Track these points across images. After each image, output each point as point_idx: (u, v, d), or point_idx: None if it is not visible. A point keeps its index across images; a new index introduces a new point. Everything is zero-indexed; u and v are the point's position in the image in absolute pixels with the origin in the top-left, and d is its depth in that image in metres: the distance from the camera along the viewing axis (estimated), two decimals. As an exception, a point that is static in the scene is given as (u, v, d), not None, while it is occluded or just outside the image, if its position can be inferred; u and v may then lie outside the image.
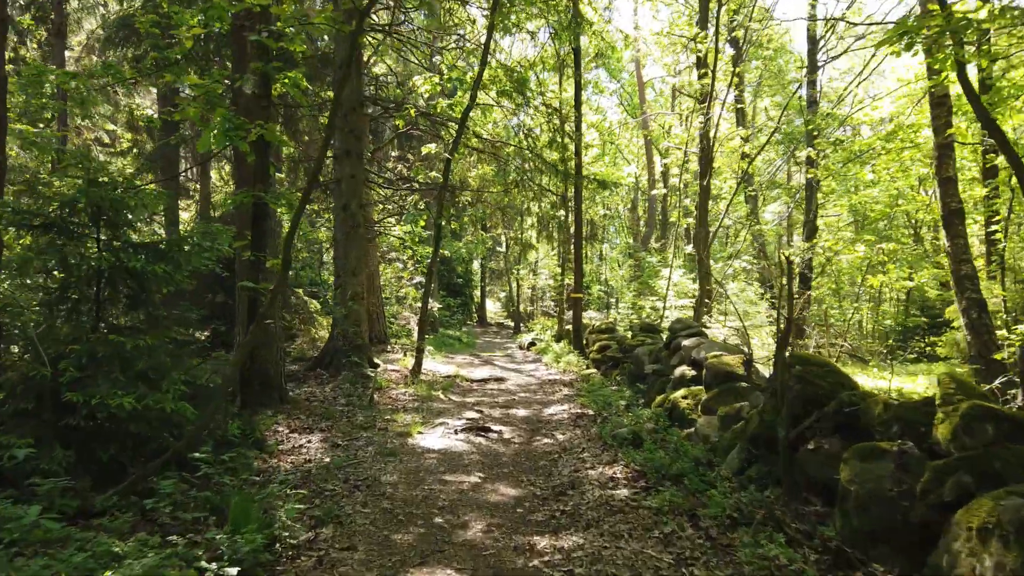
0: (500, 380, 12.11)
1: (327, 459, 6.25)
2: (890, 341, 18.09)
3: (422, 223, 11.12)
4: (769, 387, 5.18)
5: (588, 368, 12.95)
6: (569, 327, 18.68)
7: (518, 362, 16.30)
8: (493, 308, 42.16)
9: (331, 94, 11.85)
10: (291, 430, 7.23)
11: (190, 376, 5.44)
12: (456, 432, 7.41)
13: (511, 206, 14.85)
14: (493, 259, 36.01)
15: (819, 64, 20.45)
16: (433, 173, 11.01)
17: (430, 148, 10.60)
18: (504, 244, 33.04)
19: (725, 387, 6.49)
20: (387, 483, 5.62)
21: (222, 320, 13.21)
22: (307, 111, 12.72)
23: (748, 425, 5.19)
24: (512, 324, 31.05)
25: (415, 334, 20.05)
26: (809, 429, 4.63)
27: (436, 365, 13.84)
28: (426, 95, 11.01)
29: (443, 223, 11.27)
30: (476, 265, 36.04)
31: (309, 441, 6.85)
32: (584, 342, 15.03)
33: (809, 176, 19.75)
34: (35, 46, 15.39)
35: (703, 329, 8.67)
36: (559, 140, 11.80)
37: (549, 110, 11.67)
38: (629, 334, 12.76)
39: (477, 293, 36.33)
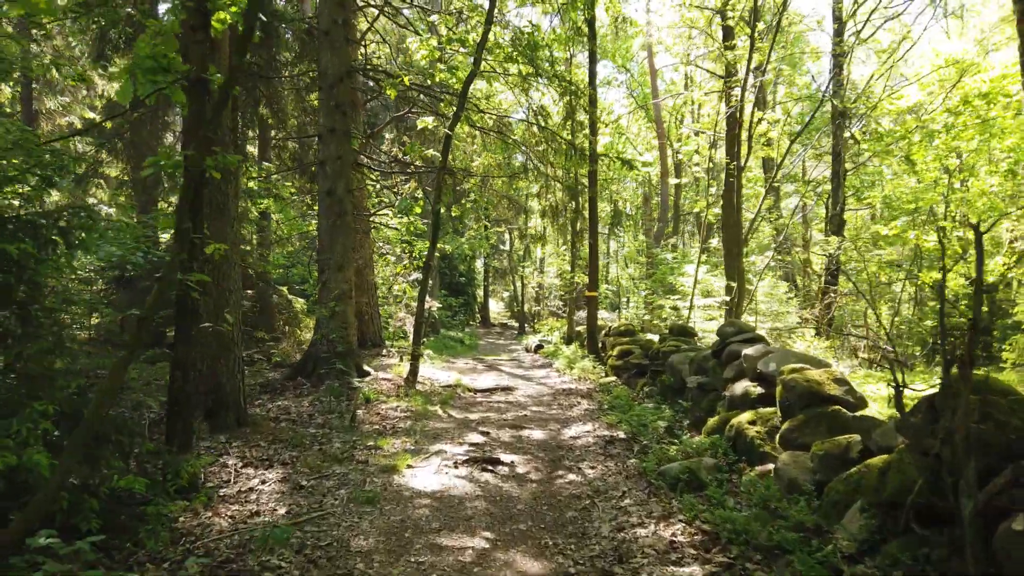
0: (508, 390, 10.40)
1: (282, 509, 4.55)
2: (931, 344, 16.38)
3: (418, 210, 9.45)
4: (908, 425, 3.46)
5: (607, 376, 11.23)
6: (580, 328, 16.96)
7: (526, 367, 14.59)
8: (496, 308, 40.48)
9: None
10: (244, 463, 5.53)
11: (78, 404, 3.74)
12: (456, 465, 5.70)
13: (518, 193, 13.16)
14: (497, 257, 34.34)
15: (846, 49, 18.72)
16: (430, 151, 9.30)
17: (426, 122, 8.91)
18: (508, 242, 31.37)
19: (814, 413, 4.78)
20: (358, 552, 3.92)
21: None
22: (289, 84, 11.04)
23: (884, 482, 3.47)
24: (516, 325, 29.35)
25: (414, 336, 18.37)
26: (1002, 494, 2.92)
27: (435, 371, 12.14)
28: (423, 61, 9.29)
29: (442, 210, 9.57)
30: (479, 264, 34.38)
31: (264, 481, 5.15)
32: (599, 345, 13.33)
33: (847, 158, 18.05)
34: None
35: (760, 334, 6.95)
36: (574, 117, 10.10)
37: (562, 83, 9.96)
38: (654, 338, 11.04)
39: (480, 292, 34.67)
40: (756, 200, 21.52)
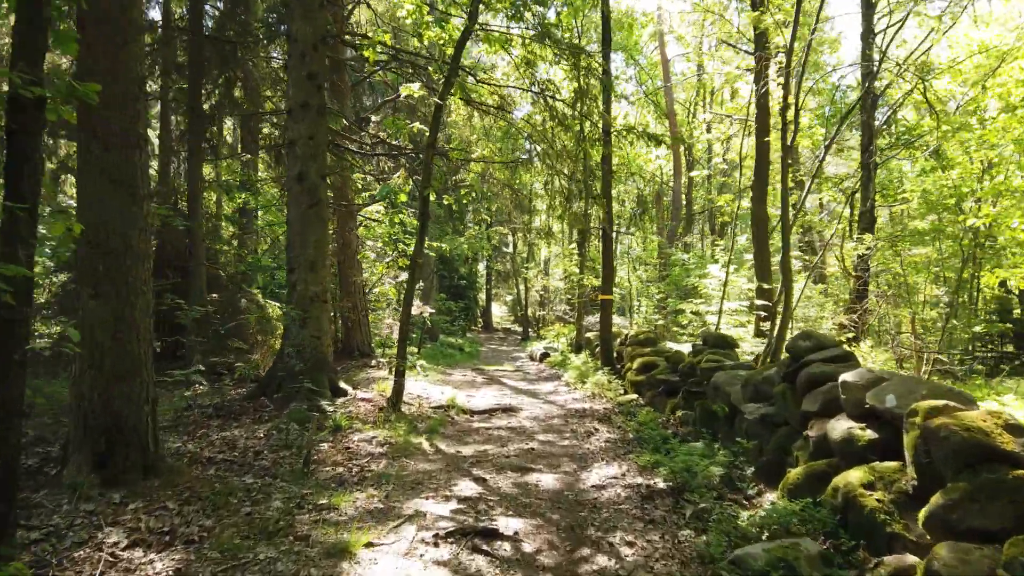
0: (510, 411, 8.63)
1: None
2: (979, 351, 14.59)
3: (403, 198, 7.73)
4: None
5: (626, 393, 9.45)
6: (591, 335, 15.18)
7: (531, 379, 12.81)
8: (499, 312, 38.75)
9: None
10: (132, 540, 3.77)
11: None
12: (437, 541, 3.93)
13: (522, 188, 11.41)
14: (500, 260, 32.59)
15: (875, 31, 16.89)
16: (417, 125, 7.56)
17: (411, 89, 7.18)
18: (512, 243, 29.64)
19: (986, 479, 3.00)
20: None
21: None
22: (256, 49, 9.33)
23: None
24: (520, 330, 27.59)
25: (411, 344, 16.60)
26: None
27: (428, 387, 10.38)
28: (409, 18, 7.56)
29: (432, 198, 7.83)
30: (482, 267, 32.62)
31: (144, 578, 3.39)
32: (614, 355, 11.55)
33: (878, 141, 16.27)
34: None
35: (848, 350, 5.16)
36: (585, 94, 8.31)
37: (571, 50, 8.20)
38: (682, 348, 9.27)
39: (482, 296, 32.92)
40: (773, 195, 19.74)
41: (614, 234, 11.75)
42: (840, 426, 4.04)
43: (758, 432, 5.29)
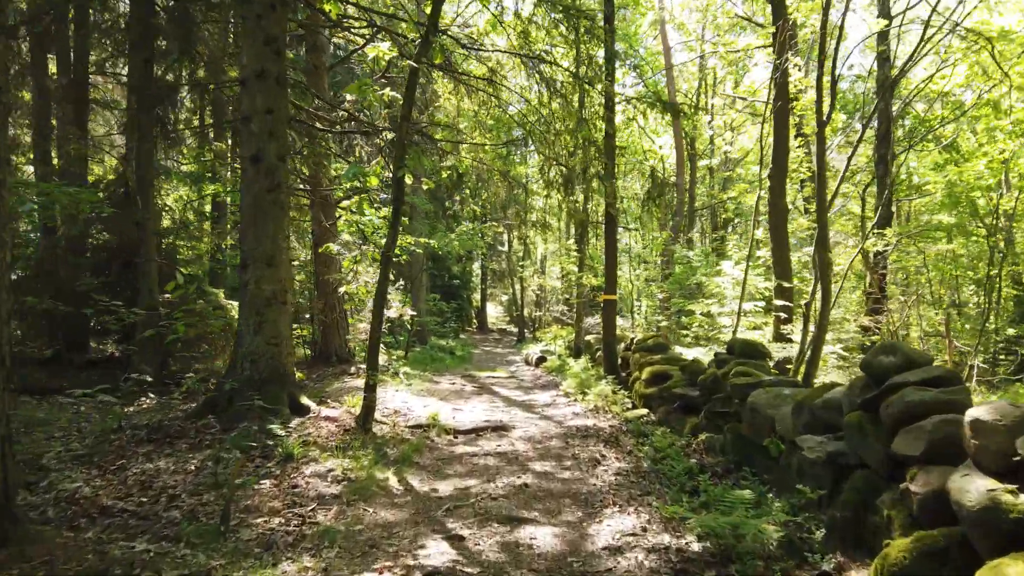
0: (501, 429, 7.30)
1: None
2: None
3: (374, 181, 6.41)
4: None
5: (634, 407, 8.15)
6: (590, 337, 13.87)
7: (526, 387, 11.49)
8: (495, 312, 37.43)
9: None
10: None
11: None
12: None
13: (517, 178, 10.06)
14: (495, 259, 31.25)
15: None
16: (389, 92, 6.21)
17: (380, 49, 5.85)
18: (507, 242, 28.32)
19: None
20: None
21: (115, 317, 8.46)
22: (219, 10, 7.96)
23: None
24: (516, 331, 26.27)
25: (398, 348, 15.24)
26: None
27: (409, 398, 9.05)
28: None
29: (408, 180, 6.50)
30: (477, 266, 31.27)
31: None
32: (618, 361, 10.24)
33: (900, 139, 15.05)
34: None
35: (951, 371, 3.82)
36: (585, 54, 6.99)
37: (571, 14, 6.89)
38: (699, 355, 7.98)
39: (477, 297, 31.58)
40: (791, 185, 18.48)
41: (618, 229, 10.45)
42: (974, 485, 2.72)
43: (817, 474, 3.98)
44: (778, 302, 10.36)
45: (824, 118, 7.11)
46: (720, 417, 5.87)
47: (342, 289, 6.41)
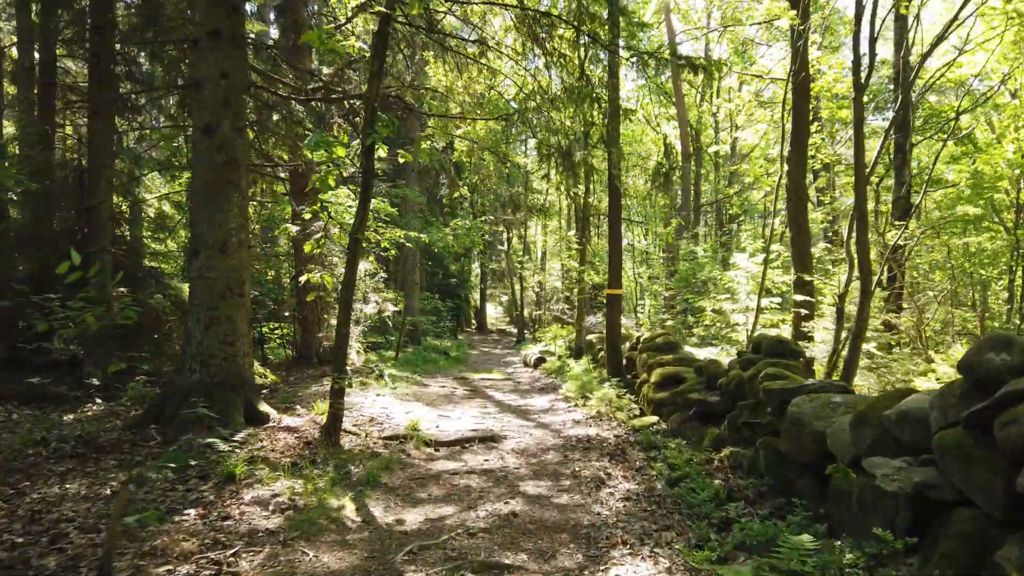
0: (490, 440, 6.28)
1: None
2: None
3: (340, 151, 5.42)
4: None
5: (643, 414, 7.12)
6: (592, 337, 12.85)
7: (523, 390, 10.47)
8: (495, 313, 36.44)
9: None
10: None
11: None
12: None
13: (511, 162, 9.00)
14: (495, 258, 30.24)
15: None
16: (354, 42, 5.20)
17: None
18: (506, 240, 27.33)
19: None
20: None
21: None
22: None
23: None
24: (515, 331, 25.25)
25: (389, 349, 14.23)
26: None
27: (391, 403, 8.04)
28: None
29: (381, 152, 5.50)
30: (476, 266, 30.26)
31: None
32: (623, 362, 9.23)
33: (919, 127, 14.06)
34: None
35: None
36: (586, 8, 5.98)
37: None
38: (715, 355, 6.97)
39: (476, 297, 30.58)
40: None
41: (622, 225, 9.41)
42: None
43: (891, 509, 2.96)
44: (798, 297, 9.31)
45: (863, 78, 6.11)
46: (748, 428, 4.85)
47: (302, 278, 5.45)
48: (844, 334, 6.50)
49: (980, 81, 14.21)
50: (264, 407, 6.18)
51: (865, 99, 15.34)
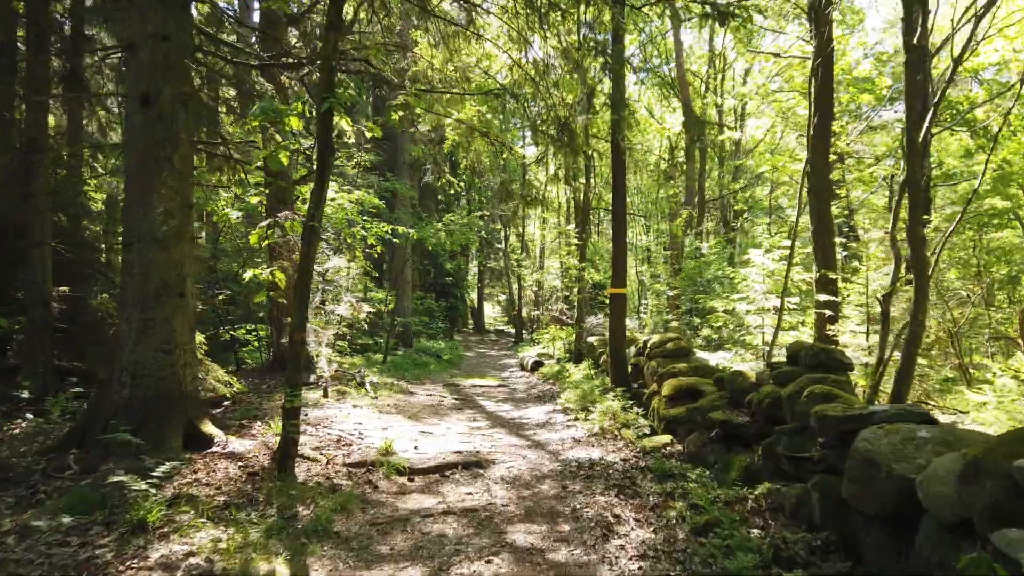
0: (475, 467, 5.28)
1: None
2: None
3: (295, 122, 4.44)
4: None
5: (653, 433, 6.13)
6: (593, 339, 11.87)
7: (519, 399, 9.49)
8: (492, 313, 35.47)
9: None
10: None
11: None
12: None
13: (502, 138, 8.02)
14: (493, 257, 29.25)
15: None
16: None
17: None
18: (503, 239, 26.34)
19: None
20: None
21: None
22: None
23: None
24: (513, 331, 24.27)
25: (377, 352, 13.22)
26: None
27: (367, 417, 7.06)
28: None
29: (342, 123, 4.51)
30: (474, 266, 29.26)
31: None
32: (629, 369, 8.23)
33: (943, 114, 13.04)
34: None
35: None
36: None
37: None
38: (738, 364, 5.99)
39: (474, 296, 29.58)
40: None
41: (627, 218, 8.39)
42: None
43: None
44: (821, 297, 8.33)
45: (915, 38, 5.11)
46: (791, 461, 3.85)
47: (247, 275, 4.48)
48: (891, 339, 5.50)
49: (997, 71, 13.25)
50: (209, 428, 5.17)
51: (882, 88, 14.34)
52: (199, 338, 7.85)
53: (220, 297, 8.33)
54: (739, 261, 13.56)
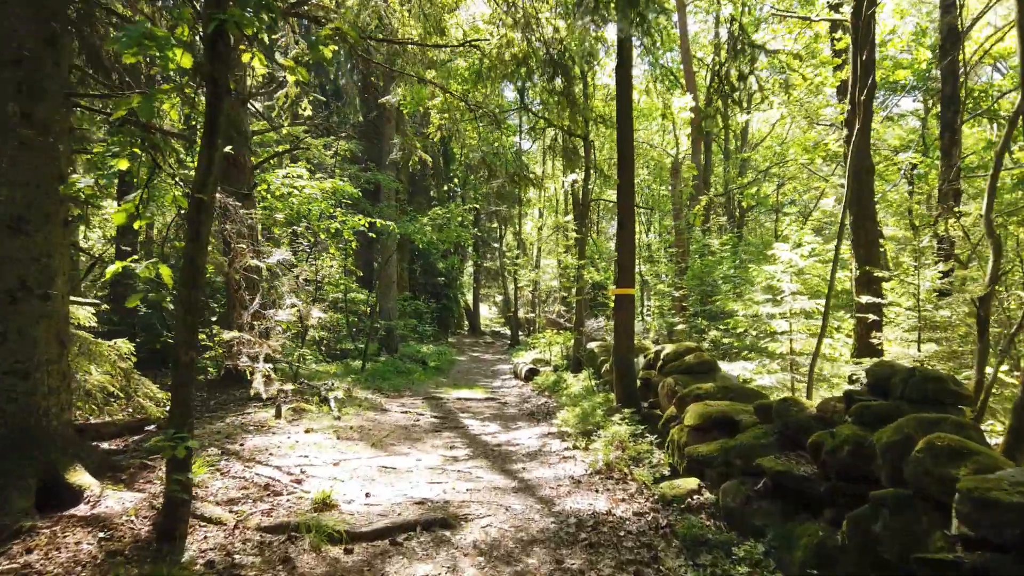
0: (441, 528, 3.89)
1: None
2: None
3: (180, 56, 3.11)
4: None
5: (675, 473, 4.74)
6: (594, 345, 10.47)
7: (508, 416, 8.10)
8: (489, 314, 34.11)
9: None
10: None
11: None
12: None
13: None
14: (489, 257, 27.86)
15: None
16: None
17: None
18: (499, 237, 24.97)
19: None
20: None
21: None
22: None
23: None
24: (509, 333, 22.88)
25: (356, 359, 11.81)
26: None
27: (317, 444, 5.67)
28: None
29: (255, 62, 3.16)
30: (469, 265, 27.87)
31: None
32: (638, 384, 6.84)
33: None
34: None
35: None
36: None
37: None
38: (804, 403, 4.69)
39: (469, 297, 28.21)
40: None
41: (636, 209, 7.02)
42: None
43: None
44: (864, 299, 6.96)
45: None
46: (895, 546, 2.47)
47: (110, 268, 3.23)
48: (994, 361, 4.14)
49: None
50: (79, 476, 3.78)
51: (906, 72, 12.94)
52: (125, 347, 6.49)
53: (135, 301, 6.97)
54: (752, 258, 12.15)
